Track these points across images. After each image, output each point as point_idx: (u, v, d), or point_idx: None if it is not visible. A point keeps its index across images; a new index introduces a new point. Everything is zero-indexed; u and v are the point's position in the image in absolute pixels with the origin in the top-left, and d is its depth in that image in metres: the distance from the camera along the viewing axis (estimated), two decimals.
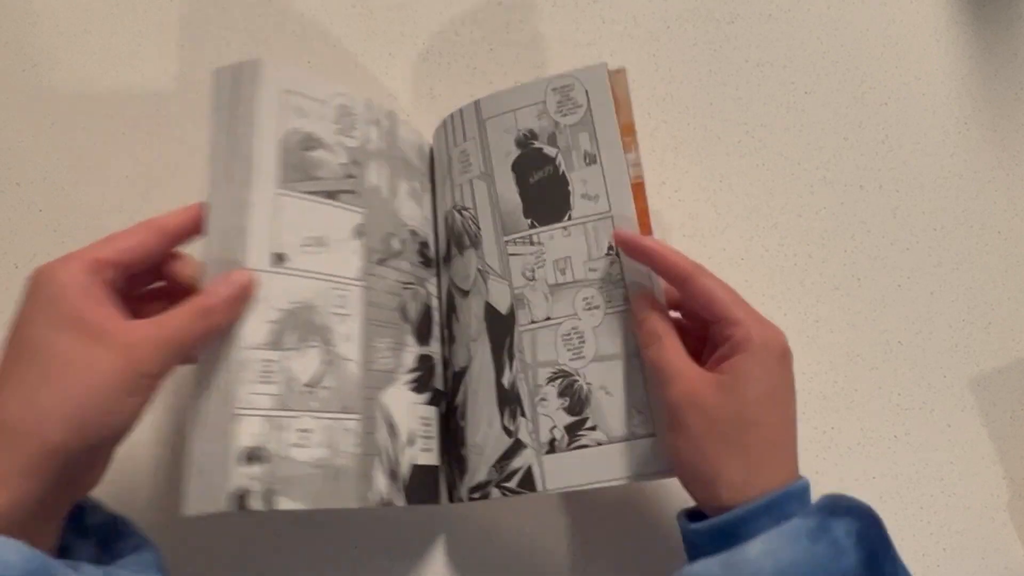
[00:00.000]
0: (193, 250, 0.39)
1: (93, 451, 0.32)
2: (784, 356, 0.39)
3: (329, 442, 0.38)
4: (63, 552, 0.34)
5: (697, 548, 0.37)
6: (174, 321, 0.34)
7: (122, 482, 0.44)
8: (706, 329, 0.40)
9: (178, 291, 0.38)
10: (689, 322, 0.43)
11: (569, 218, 0.42)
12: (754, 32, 0.58)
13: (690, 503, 0.39)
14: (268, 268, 0.38)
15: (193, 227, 0.38)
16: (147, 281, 0.39)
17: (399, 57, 0.55)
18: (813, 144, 0.57)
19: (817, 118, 0.57)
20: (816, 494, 0.51)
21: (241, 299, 0.36)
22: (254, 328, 0.37)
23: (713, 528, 0.36)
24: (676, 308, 0.43)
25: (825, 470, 0.51)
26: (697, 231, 0.54)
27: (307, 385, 0.38)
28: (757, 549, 0.34)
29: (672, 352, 0.39)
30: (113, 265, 0.35)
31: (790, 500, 0.36)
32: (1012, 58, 0.60)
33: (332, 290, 0.40)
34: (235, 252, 0.37)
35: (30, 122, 0.51)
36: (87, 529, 0.35)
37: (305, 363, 0.38)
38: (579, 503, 0.49)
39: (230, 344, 0.36)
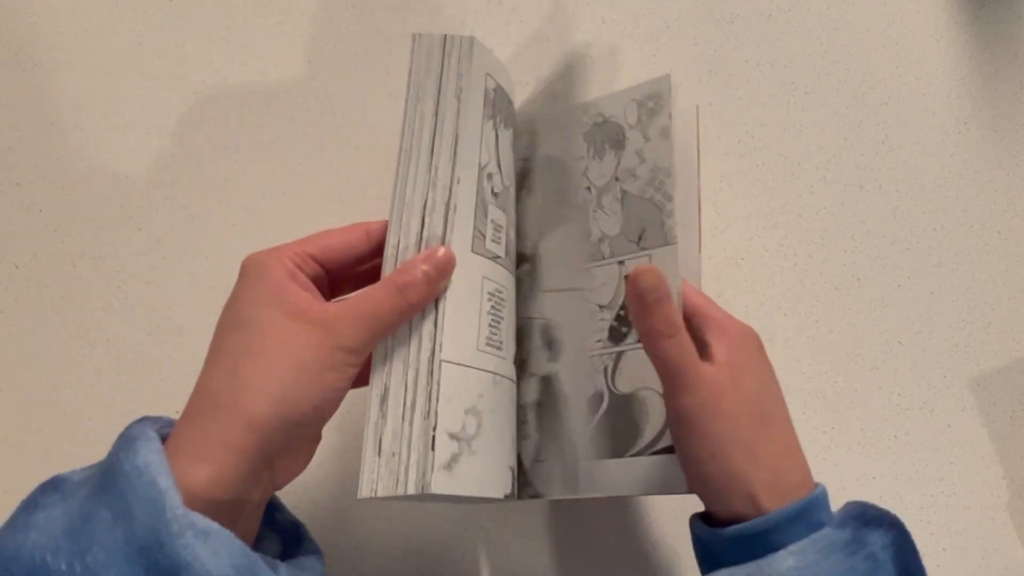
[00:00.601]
0: None
1: (292, 429, 0.32)
2: (762, 347, 0.37)
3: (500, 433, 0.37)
4: (256, 542, 0.34)
5: (716, 556, 0.35)
6: (371, 297, 0.33)
7: None
8: None
9: None
10: None
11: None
12: (754, 32, 0.58)
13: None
14: (471, 250, 0.36)
15: None
16: (350, 289, 0.39)
17: (398, 57, 0.55)
18: (813, 144, 0.57)
19: (817, 118, 0.57)
20: None
21: (440, 277, 0.35)
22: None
23: (740, 535, 0.33)
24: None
25: (825, 470, 0.51)
26: None
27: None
28: (789, 563, 0.31)
29: (692, 349, 0.34)
30: (317, 260, 0.35)
31: (818, 506, 0.33)
32: (1012, 58, 0.60)
33: (509, 279, 0.39)
34: (437, 228, 0.35)
35: (30, 122, 0.51)
36: (276, 525, 0.36)
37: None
38: (581, 513, 0.49)
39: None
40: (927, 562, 0.51)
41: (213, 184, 0.51)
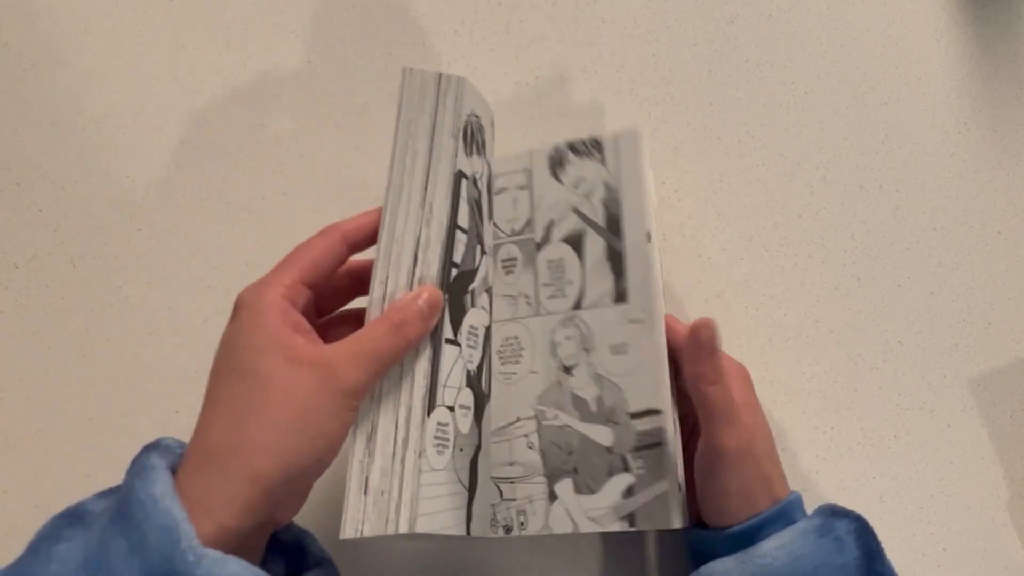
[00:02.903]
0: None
1: (296, 481, 0.32)
2: (753, 384, 0.43)
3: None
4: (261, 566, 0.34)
5: (710, 556, 0.40)
6: (370, 337, 0.33)
7: None
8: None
9: (361, 314, 0.37)
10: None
11: None
12: (754, 32, 0.58)
13: None
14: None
15: (374, 234, 0.37)
16: (334, 305, 0.39)
17: (399, 57, 0.55)
18: (813, 144, 0.57)
19: (817, 118, 0.57)
20: (816, 494, 0.51)
21: (433, 314, 0.35)
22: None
23: (732, 535, 0.39)
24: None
25: (825, 470, 0.51)
26: (697, 231, 0.54)
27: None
28: (770, 544, 0.37)
29: (731, 393, 0.39)
30: (307, 285, 0.35)
31: (794, 508, 0.40)
32: (1012, 58, 0.60)
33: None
34: (432, 266, 0.36)
35: (30, 122, 0.51)
36: (279, 545, 0.36)
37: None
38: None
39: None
40: (927, 562, 0.51)
41: (213, 184, 0.51)
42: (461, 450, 0.37)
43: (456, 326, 0.37)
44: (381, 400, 0.35)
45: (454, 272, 0.37)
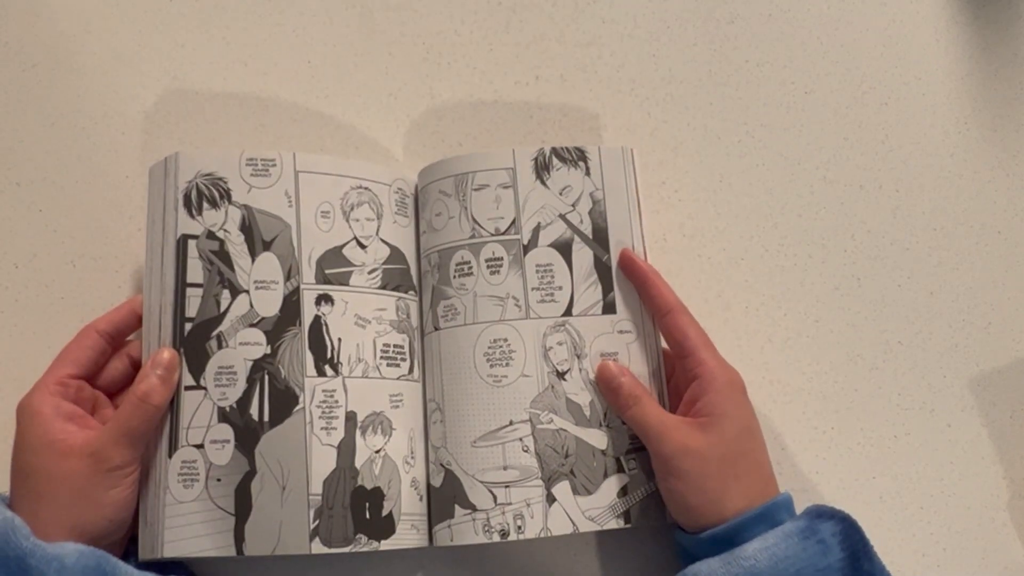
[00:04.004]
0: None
1: (103, 537, 0.38)
2: (744, 392, 0.43)
3: None
4: None
5: (694, 557, 0.41)
6: (122, 416, 0.39)
7: None
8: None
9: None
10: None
11: None
12: (754, 32, 0.58)
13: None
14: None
15: (130, 322, 0.43)
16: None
17: (399, 57, 0.55)
18: (813, 144, 0.57)
19: (817, 118, 0.57)
20: (816, 494, 0.51)
21: (171, 374, 0.41)
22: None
23: (714, 536, 0.40)
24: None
25: (825, 470, 0.51)
26: (697, 231, 0.54)
27: None
28: (754, 546, 0.38)
29: (653, 409, 0.43)
30: (74, 378, 0.41)
31: (779, 509, 0.40)
32: (1012, 58, 0.60)
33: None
34: (168, 329, 0.42)
35: (30, 122, 0.51)
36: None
37: None
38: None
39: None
40: (927, 562, 0.51)
41: None
42: (219, 480, 0.40)
43: (198, 372, 0.41)
44: (151, 449, 0.41)
45: (189, 326, 0.42)
